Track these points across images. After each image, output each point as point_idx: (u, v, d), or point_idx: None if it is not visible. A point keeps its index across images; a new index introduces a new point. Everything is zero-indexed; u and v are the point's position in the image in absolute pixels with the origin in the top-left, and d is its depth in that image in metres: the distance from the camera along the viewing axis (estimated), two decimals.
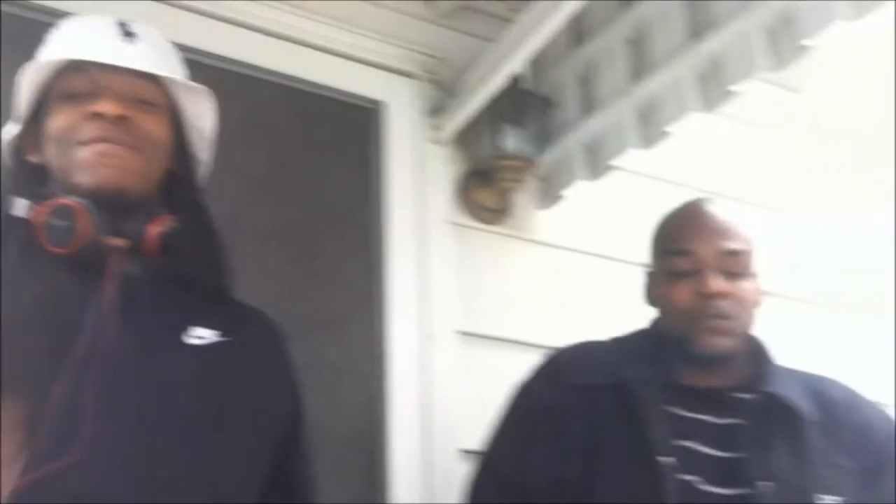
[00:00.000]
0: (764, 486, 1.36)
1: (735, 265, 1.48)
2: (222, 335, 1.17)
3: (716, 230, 1.50)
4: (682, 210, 1.58)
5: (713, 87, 1.75)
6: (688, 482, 1.37)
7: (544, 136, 2.09)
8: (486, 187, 2.06)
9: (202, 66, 1.32)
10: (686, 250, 1.49)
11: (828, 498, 1.38)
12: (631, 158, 2.03)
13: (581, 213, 2.15)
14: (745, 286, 1.49)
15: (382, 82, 2.07)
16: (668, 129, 1.85)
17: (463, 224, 2.03)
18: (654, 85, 1.86)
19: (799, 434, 1.43)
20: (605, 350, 1.57)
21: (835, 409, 1.48)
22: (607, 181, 2.04)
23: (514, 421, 1.55)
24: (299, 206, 1.95)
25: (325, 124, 2.03)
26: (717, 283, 1.45)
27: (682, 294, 1.47)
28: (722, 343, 1.45)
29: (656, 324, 1.56)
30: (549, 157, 2.08)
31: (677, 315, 1.48)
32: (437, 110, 2.07)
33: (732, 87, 1.72)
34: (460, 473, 1.65)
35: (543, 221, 2.14)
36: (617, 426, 1.43)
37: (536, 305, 2.06)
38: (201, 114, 1.26)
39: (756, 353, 1.52)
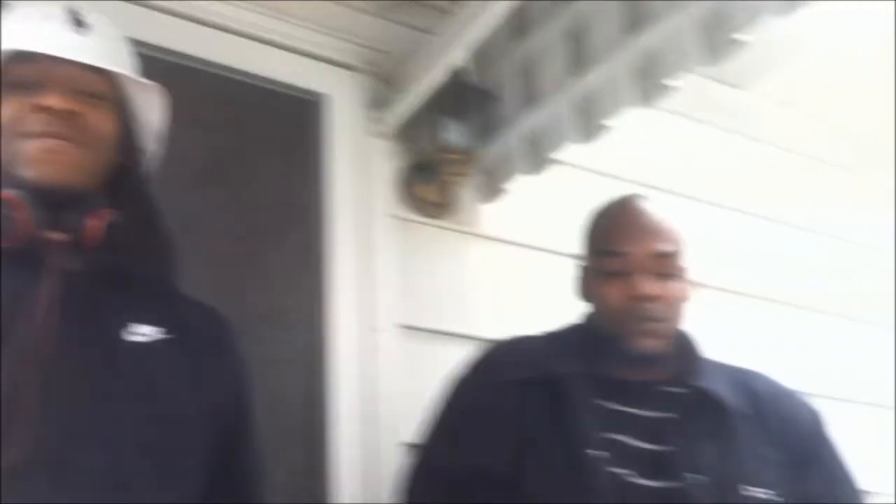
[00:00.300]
0: (693, 478, 1.38)
1: (666, 267, 1.49)
2: (166, 332, 1.16)
3: (648, 231, 1.50)
4: (614, 208, 1.58)
5: (649, 81, 1.76)
6: (618, 475, 1.38)
7: (486, 130, 2.09)
8: (428, 181, 2.06)
9: (144, 58, 1.30)
10: (618, 252, 1.49)
11: (755, 490, 1.41)
12: (575, 152, 2.05)
13: (524, 206, 2.16)
14: (675, 286, 1.50)
15: (324, 75, 2.06)
16: (606, 122, 1.87)
17: (405, 218, 2.03)
18: (591, 79, 1.87)
19: (727, 427, 1.45)
20: (538, 344, 1.58)
21: (761, 401, 1.51)
22: (550, 175, 2.06)
23: (447, 416, 1.56)
24: (240, 200, 1.93)
25: (266, 117, 2.02)
26: (648, 286, 1.46)
27: (614, 294, 1.48)
28: (652, 344, 1.47)
29: (589, 319, 1.58)
30: (491, 151, 2.09)
31: (609, 314, 1.49)
32: (379, 103, 2.06)
33: (668, 82, 1.74)
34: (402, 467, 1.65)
35: (486, 215, 2.15)
36: (548, 420, 1.43)
37: (479, 299, 2.07)
38: (150, 108, 1.25)
39: (685, 348, 1.54)
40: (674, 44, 1.71)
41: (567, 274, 2.20)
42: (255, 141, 1.99)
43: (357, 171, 2.02)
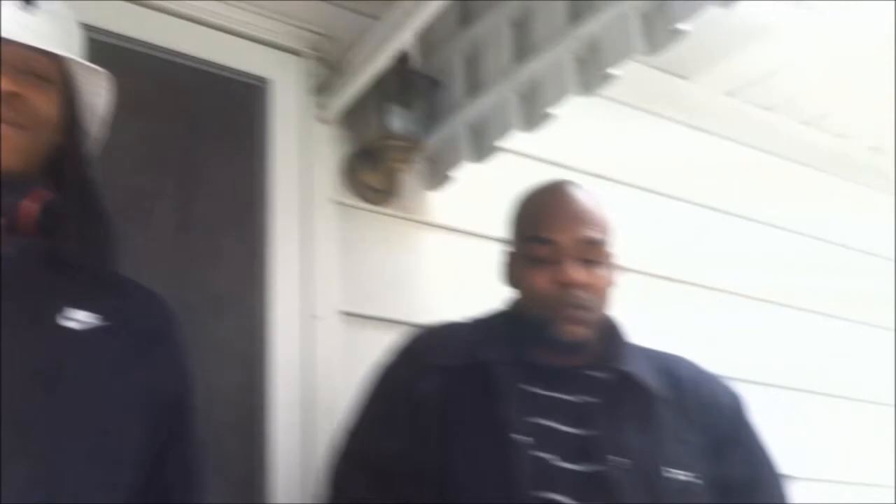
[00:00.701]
0: (616, 461, 1.39)
1: (594, 253, 1.49)
2: (103, 319, 1.14)
3: (577, 218, 1.51)
4: (543, 194, 1.58)
5: (592, 70, 1.77)
6: (543, 459, 1.39)
7: (432, 117, 2.08)
8: (372, 167, 2.05)
9: (86, 40, 1.27)
10: (547, 239, 1.49)
11: (676, 472, 1.42)
12: (520, 141, 2.05)
13: (469, 194, 2.15)
14: (603, 273, 1.51)
15: (269, 59, 2.04)
16: (551, 111, 1.87)
17: (349, 204, 2.02)
18: (535, 67, 1.87)
19: (650, 411, 1.47)
20: (464, 330, 1.58)
21: (684, 385, 1.53)
22: (496, 163, 2.06)
23: (373, 403, 1.55)
24: (182, 185, 1.91)
25: (210, 101, 1.99)
26: (576, 273, 1.46)
27: (541, 280, 1.48)
28: (578, 332, 1.48)
29: (515, 304, 1.58)
30: (437, 138, 2.08)
31: (536, 300, 1.49)
32: (323, 88, 2.04)
33: (610, 71, 1.75)
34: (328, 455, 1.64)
35: (431, 203, 2.14)
36: (474, 406, 1.44)
37: (424, 286, 2.07)
38: (96, 91, 1.23)
39: (610, 332, 1.55)
40: (616, 33, 1.72)
41: None
42: (198, 125, 1.96)
43: (301, 156, 2.00)
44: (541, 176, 2.30)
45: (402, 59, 2.02)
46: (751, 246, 2.65)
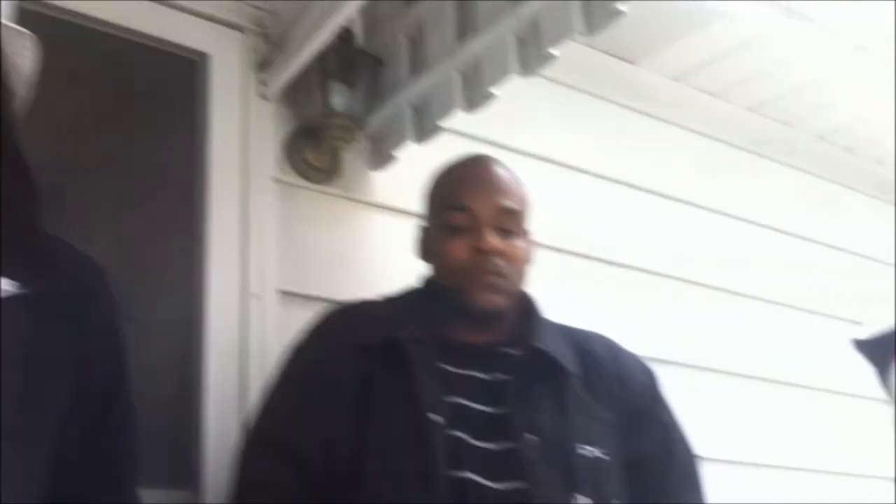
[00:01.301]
0: (529, 439, 1.40)
1: (511, 223, 1.51)
2: (22, 286, 1.09)
3: (495, 187, 1.53)
4: (461, 165, 1.60)
5: (532, 50, 1.76)
6: (457, 438, 1.39)
7: (375, 96, 2.07)
8: (314, 146, 2.02)
9: (21, 11, 1.24)
10: (465, 206, 1.51)
11: (589, 449, 1.44)
12: (466, 121, 2.04)
13: (413, 174, 2.12)
14: (520, 244, 1.53)
15: (208, 34, 2.00)
16: (492, 90, 1.86)
17: (290, 182, 1.99)
18: (478, 46, 1.86)
19: (563, 388, 1.47)
20: (377, 309, 1.58)
21: (599, 362, 1.55)
22: (440, 143, 2.04)
23: (287, 383, 1.53)
24: (119, 160, 1.87)
25: (147, 76, 1.96)
26: (493, 240, 1.48)
27: (458, 249, 1.49)
28: (496, 300, 1.48)
29: (429, 280, 1.58)
30: (380, 117, 2.06)
31: (452, 270, 1.50)
32: (265, 65, 2.01)
33: (550, 51, 1.74)
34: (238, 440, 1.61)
35: (374, 182, 2.12)
36: (389, 385, 1.43)
37: (364, 267, 2.05)
38: (20, 52, 1.18)
39: (526, 309, 1.56)
40: (556, 12, 1.71)
41: None
42: (135, 100, 1.93)
43: (240, 133, 1.97)
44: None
45: (346, 37, 2.00)
46: (694, 231, 2.66)
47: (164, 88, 1.97)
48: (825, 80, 2.74)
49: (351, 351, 1.47)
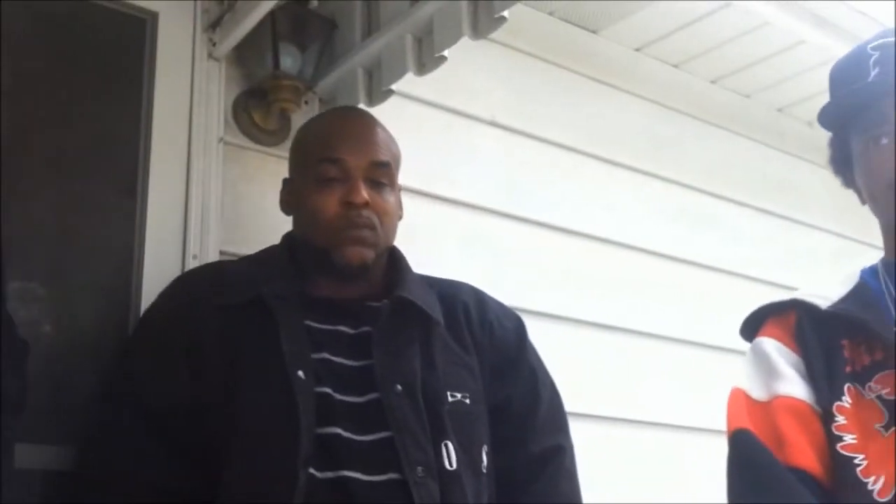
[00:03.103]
0: (393, 388, 1.40)
1: (383, 176, 1.52)
2: None
3: (369, 140, 1.53)
4: (334, 117, 1.60)
5: (483, 13, 1.74)
6: (324, 394, 1.39)
7: (327, 58, 2.04)
8: (262, 107, 1.99)
9: None
10: (338, 158, 1.50)
11: (457, 396, 1.46)
12: (418, 85, 2.02)
13: None
14: (390, 198, 1.53)
15: None
16: (444, 54, 1.84)
17: (236, 144, 1.96)
18: (430, 9, 1.83)
19: (429, 337, 1.49)
20: (239, 268, 1.57)
21: (467, 310, 1.56)
22: (390, 106, 2.02)
23: (143, 345, 1.51)
24: (61, 121, 1.83)
25: (96, 35, 1.90)
26: (364, 193, 1.47)
27: (328, 202, 1.48)
28: (365, 253, 1.48)
29: (293, 236, 1.57)
30: (330, 80, 2.03)
31: (321, 223, 1.49)
32: (213, 24, 1.97)
33: (502, 14, 1.72)
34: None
35: None
36: (255, 343, 1.42)
37: None
38: None
39: (394, 263, 1.56)
40: None
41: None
42: (82, 59, 1.88)
43: (188, 94, 1.93)
44: (436, 122, 2.31)
45: None
46: (647, 200, 2.66)
47: (112, 48, 1.92)
48: (785, 52, 2.74)
49: (214, 310, 1.44)
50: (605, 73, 2.67)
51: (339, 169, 1.49)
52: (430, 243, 2.12)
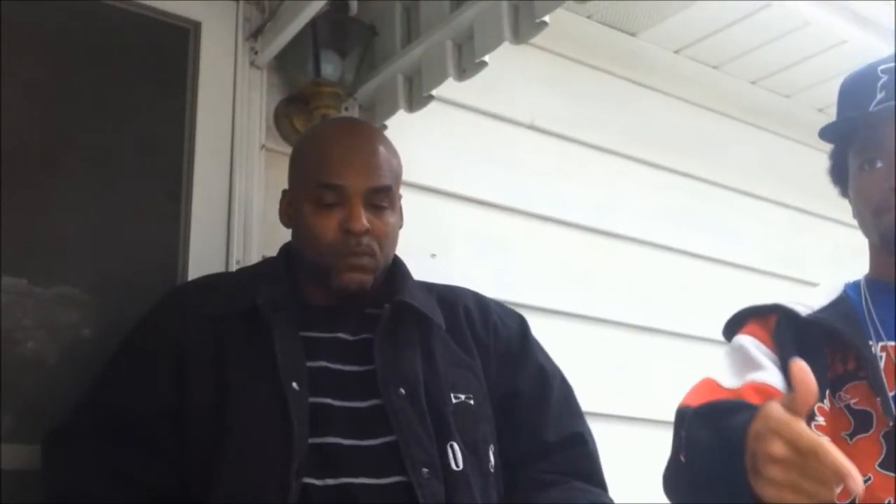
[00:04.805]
0: (396, 392, 1.40)
1: (383, 199, 1.48)
2: None
3: (367, 164, 1.49)
4: (332, 137, 1.55)
5: (524, 18, 1.74)
6: (323, 404, 1.38)
7: (367, 65, 2.05)
8: (304, 114, 2.01)
9: None
10: (337, 185, 1.46)
11: (459, 396, 1.44)
12: (460, 92, 2.03)
13: (404, 144, 2.10)
14: (390, 220, 1.50)
15: (199, 2, 1.98)
16: (485, 59, 1.84)
17: (278, 150, 1.97)
18: (471, 14, 1.84)
19: (429, 339, 1.48)
20: (233, 279, 1.57)
21: (469, 312, 1.56)
22: (430, 112, 2.03)
23: (129, 356, 1.49)
24: (106, 128, 1.86)
25: (136, 44, 1.93)
26: (363, 220, 1.45)
27: (327, 226, 1.46)
28: (364, 279, 1.46)
29: (290, 247, 1.56)
30: (371, 86, 2.04)
31: (321, 247, 1.47)
32: (255, 32, 2.00)
33: (543, 19, 1.72)
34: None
35: None
36: (249, 354, 1.41)
37: None
38: None
39: (392, 269, 1.55)
40: None
41: (442, 214, 2.18)
42: (124, 69, 1.91)
43: (230, 101, 1.95)
44: (475, 127, 2.31)
45: (339, 5, 1.98)
46: (689, 201, 2.65)
47: (157, 57, 1.95)
48: (825, 52, 2.71)
49: (206, 321, 1.43)
50: (645, 75, 2.66)
51: (337, 195, 1.46)
52: (470, 248, 2.13)
